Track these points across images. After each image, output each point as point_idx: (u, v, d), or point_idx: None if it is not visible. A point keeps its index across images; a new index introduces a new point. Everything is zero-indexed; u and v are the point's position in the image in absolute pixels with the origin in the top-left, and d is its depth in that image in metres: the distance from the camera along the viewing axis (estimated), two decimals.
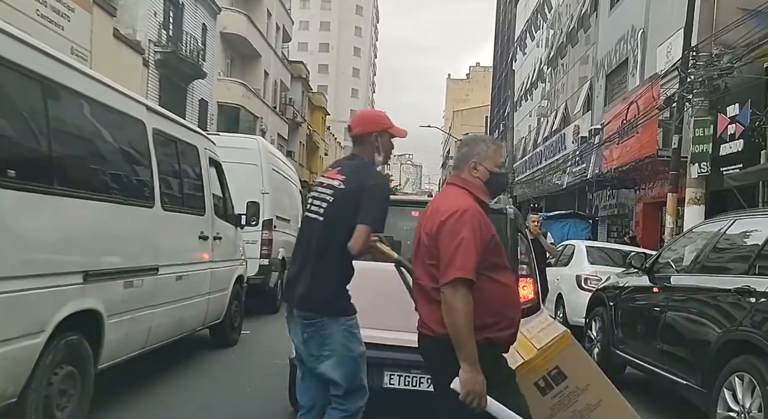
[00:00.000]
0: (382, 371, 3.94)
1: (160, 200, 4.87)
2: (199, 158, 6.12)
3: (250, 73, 29.04)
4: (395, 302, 4.14)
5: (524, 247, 4.38)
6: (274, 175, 9.41)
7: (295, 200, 11.22)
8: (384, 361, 3.92)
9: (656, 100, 10.62)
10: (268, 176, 8.96)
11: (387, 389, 3.93)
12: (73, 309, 3.64)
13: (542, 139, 24.25)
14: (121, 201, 4.31)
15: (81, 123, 4.04)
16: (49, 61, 3.62)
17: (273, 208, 8.98)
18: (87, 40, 13.16)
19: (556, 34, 24.21)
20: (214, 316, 6.35)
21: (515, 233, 4.36)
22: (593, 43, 19.14)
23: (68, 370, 3.65)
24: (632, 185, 14.32)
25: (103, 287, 3.98)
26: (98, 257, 4.00)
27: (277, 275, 9.29)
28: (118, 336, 4.23)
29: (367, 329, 4.08)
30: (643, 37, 14.45)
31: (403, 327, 4.12)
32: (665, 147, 10.85)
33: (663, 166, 11.85)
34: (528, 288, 4.27)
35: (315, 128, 45.57)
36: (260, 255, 8.70)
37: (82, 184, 3.87)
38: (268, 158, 9.27)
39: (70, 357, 3.64)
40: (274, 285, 9.24)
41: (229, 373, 5.73)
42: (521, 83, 30.29)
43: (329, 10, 73.02)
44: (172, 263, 5.09)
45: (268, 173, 9.01)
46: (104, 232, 4.10)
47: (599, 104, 17.89)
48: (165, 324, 5.09)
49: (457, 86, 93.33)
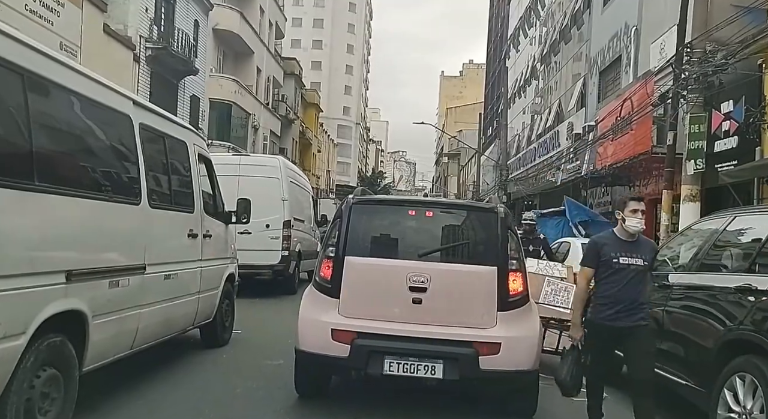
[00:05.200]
0: (383, 359, 4.22)
1: (147, 197, 4.77)
2: (188, 154, 6.00)
3: (242, 69, 28.82)
4: (395, 296, 4.44)
5: (514, 243, 4.53)
6: (292, 185, 11.72)
7: (309, 204, 13.84)
8: (385, 350, 4.23)
9: (650, 96, 10.55)
10: (287, 186, 11.22)
11: (387, 375, 4.22)
12: (55, 310, 3.54)
13: (536, 136, 24.21)
14: (106, 198, 4.20)
15: (63, 117, 3.92)
16: (29, 51, 3.48)
17: (291, 211, 11.25)
18: (77, 36, 12.99)
19: (549, 32, 24.16)
20: (204, 316, 6.24)
21: (505, 230, 4.54)
22: (586, 40, 19.10)
23: (51, 373, 3.55)
24: (627, 182, 14.29)
25: (87, 287, 3.88)
26: (82, 256, 3.89)
27: (294, 263, 11.63)
28: (104, 337, 4.13)
29: (369, 320, 4.41)
30: (636, 34, 14.42)
31: (402, 318, 4.32)
32: (660, 144, 10.80)
33: (657, 163, 11.81)
34: (517, 282, 4.45)
35: (308, 124, 45.39)
36: (281, 248, 11.02)
37: (64, 180, 3.75)
38: (287, 173, 11.66)
39: (52, 359, 3.55)
40: (292, 271, 11.58)
41: (219, 374, 5.61)
42: (514, 80, 30.26)
43: (322, 7, 72.68)
44: (160, 261, 5.00)
45: (287, 184, 11.27)
46: (88, 230, 3.99)
47: (593, 101, 17.86)
48: (153, 324, 4.99)
49: (451, 83, 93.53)
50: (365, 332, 4.28)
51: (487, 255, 4.50)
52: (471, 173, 47.73)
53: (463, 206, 5.63)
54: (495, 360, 4.21)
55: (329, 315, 4.39)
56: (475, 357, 4.19)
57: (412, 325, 4.29)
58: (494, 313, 4.32)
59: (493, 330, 4.29)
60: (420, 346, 4.22)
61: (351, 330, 4.29)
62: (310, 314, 4.52)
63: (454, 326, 4.31)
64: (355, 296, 4.42)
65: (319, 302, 4.51)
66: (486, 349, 4.21)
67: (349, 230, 4.52)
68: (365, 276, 4.48)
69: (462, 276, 4.47)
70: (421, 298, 4.31)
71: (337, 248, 4.48)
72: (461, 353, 4.21)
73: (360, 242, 4.56)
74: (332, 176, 62.33)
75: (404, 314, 4.33)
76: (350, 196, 4.86)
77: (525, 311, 4.48)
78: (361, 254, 4.51)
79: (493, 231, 4.53)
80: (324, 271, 4.53)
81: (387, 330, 4.27)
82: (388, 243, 4.70)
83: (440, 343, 4.23)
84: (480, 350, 4.20)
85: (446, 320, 4.33)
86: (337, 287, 4.42)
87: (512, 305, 4.37)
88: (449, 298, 4.39)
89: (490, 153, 36.00)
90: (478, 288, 4.40)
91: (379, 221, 4.78)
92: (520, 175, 25.30)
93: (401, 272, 4.37)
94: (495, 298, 4.32)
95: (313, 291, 4.63)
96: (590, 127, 15.57)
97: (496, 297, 4.32)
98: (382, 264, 4.50)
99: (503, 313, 4.33)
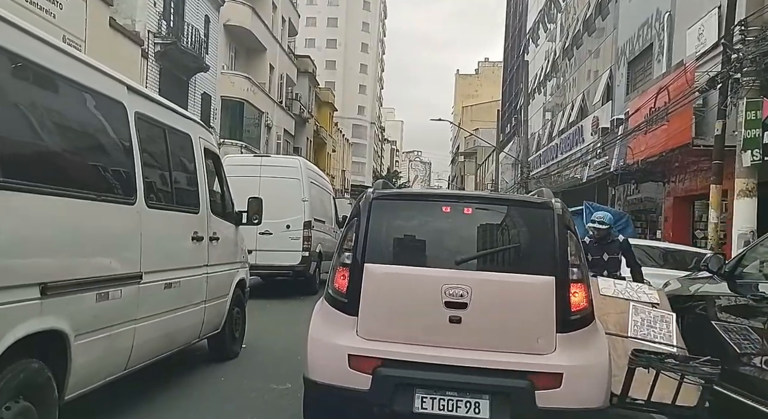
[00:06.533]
0: (413, 393, 3.50)
1: (143, 195, 4.23)
2: (192, 148, 5.47)
3: (254, 66, 28.36)
4: (427, 314, 3.65)
5: (574, 246, 3.72)
6: (312, 186, 11.66)
7: (330, 205, 13.74)
8: (416, 381, 3.51)
9: (690, 84, 9.79)
10: (307, 187, 11.17)
11: (418, 414, 3.49)
12: (27, 331, 3.03)
13: (558, 132, 23.43)
14: (93, 197, 3.66)
15: (39, 102, 3.37)
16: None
17: (312, 212, 11.19)
18: (81, 29, 12.54)
19: (572, 24, 23.37)
20: (211, 327, 5.70)
21: (564, 230, 3.73)
22: (613, 30, 18.33)
23: (22, 406, 3.04)
24: (660, 178, 13.51)
25: (67, 302, 3.36)
26: (61, 265, 3.36)
27: (315, 264, 11.60)
28: (91, 359, 3.63)
29: (395, 344, 3.60)
30: (669, 20, 13.68)
31: (436, 341, 3.60)
32: (700, 135, 10.03)
33: (695, 157, 11.06)
34: (580, 295, 3.63)
35: (322, 124, 44.96)
36: (302, 249, 10.92)
37: (38, 176, 3.19)
38: (308, 174, 11.58)
39: (24, 388, 3.05)
40: (313, 272, 11.58)
41: (214, 401, 4.84)
42: (534, 76, 29.47)
43: (336, 6, 72.44)
44: (160, 268, 4.51)
45: (308, 186, 11.22)
46: (70, 235, 3.46)
47: (620, 93, 17.11)
48: (152, 339, 4.48)
49: (466, 82, 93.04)
50: (390, 359, 3.55)
51: (541, 262, 3.70)
52: (489, 171, 46.99)
53: (510, 200, 4.60)
54: (556, 395, 3.44)
55: (345, 336, 3.64)
56: (530, 391, 3.43)
57: (449, 350, 3.56)
58: (553, 335, 3.55)
59: (552, 356, 3.52)
60: (460, 377, 3.48)
61: (373, 356, 3.56)
62: (321, 335, 3.76)
63: (502, 351, 3.55)
64: (378, 314, 3.68)
65: (333, 321, 3.75)
66: (544, 381, 3.44)
67: (369, 232, 3.77)
68: (389, 288, 3.72)
69: (511, 288, 3.68)
70: (460, 316, 3.57)
71: (355, 253, 3.74)
72: (513, 386, 3.46)
73: (382, 246, 3.81)
74: (347, 175, 62.03)
75: (439, 336, 3.60)
76: (369, 190, 4.09)
77: (590, 333, 3.70)
78: (384, 260, 3.77)
79: (549, 231, 3.73)
80: (338, 282, 3.77)
81: (418, 356, 3.53)
82: (418, 247, 3.93)
83: (486, 373, 3.48)
84: (536, 382, 3.44)
85: (492, 344, 3.58)
86: (354, 302, 3.68)
87: (575, 324, 3.61)
88: (495, 316, 3.62)
89: (509, 150, 35.26)
90: (531, 303, 3.63)
91: (405, 219, 3.98)
92: (540, 173, 24.56)
93: (435, 283, 3.62)
94: (553, 316, 3.56)
95: (326, 307, 3.85)
96: (619, 120, 14.81)
97: (554, 315, 3.56)
98: (410, 273, 3.74)
99: (564, 335, 3.56)
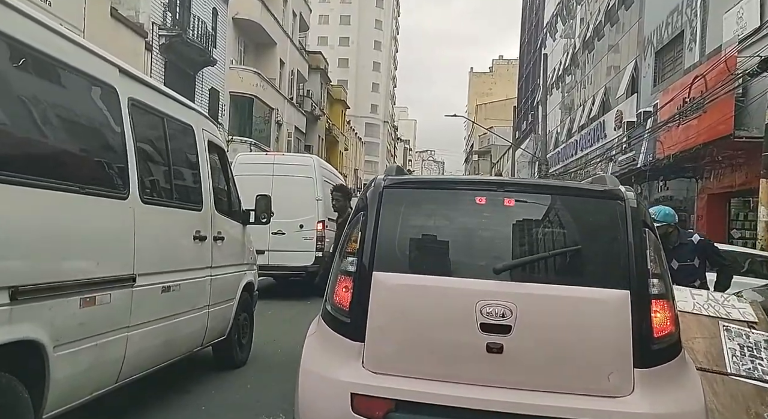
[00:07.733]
0: None
1: (138, 189, 3.80)
2: (195, 139, 5.01)
3: (264, 61, 27.85)
4: (456, 340, 2.75)
5: (653, 249, 2.78)
6: (326, 185, 11.02)
7: None
8: None
9: (732, 71, 9.16)
10: (321, 186, 10.79)
11: None
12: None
13: (578, 127, 22.72)
14: (77, 189, 3.25)
15: (21, 84, 2.97)
16: None
17: (325, 211, 10.56)
18: (79, 19, 12.10)
19: (592, 15, 22.66)
20: (216, 333, 5.24)
21: (640, 229, 2.80)
22: (638, 19, 17.62)
23: None
24: (693, 174, 12.83)
25: (44, 308, 2.97)
26: (36, 266, 2.95)
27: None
28: (74, 373, 3.23)
29: (413, 380, 2.70)
30: (703, 5, 13.01)
31: (470, 377, 2.71)
32: (742, 126, 9.40)
33: (732, 150, 10.43)
34: (663, 315, 2.71)
35: (334, 121, 44.53)
36: (315, 249, 10.62)
37: (13, 165, 2.79)
38: (321, 172, 11.31)
39: None
40: None
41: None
42: (552, 70, 28.76)
43: (349, 4, 72.14)
44: (156, 270, 4.09)
45: (321, 184, 10.87)
46: (49, 231, 3.04)
47: (647, 85, 16.43)
48: (148, 348, 4.05)
49: (480, 80, 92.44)
50: (407, 400, 2.67)
51: (611, 270, 2.78)
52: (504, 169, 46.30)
53: (566, 188, 3.51)
54: None
55: (348, 369, 2.76)
56: None
57: (486, 390, 2.66)
58: (630, 370, 2.63)
59: (629, 400, 2.61)
60: None
61: (383, 397, 2.68)
62: (317, 367, 2.85)
63: (559, 392, 2.64)
64: (390, 339, 2.79)
65: (332, 348, 2.84)
66: None
67: (378, 230, 2.87)
68: (406, 305, 2.80)
69: (569, 306, 2.71)
70: (502, 343, 2.66)
71: (360, 258, 2.84)
72: None
73: (396, 250, 2.92)
74: (360, 174, 61.63)
75: (473, 370, 2.70)
76: (380, 176, 3.16)
77: (679, 367, 2.78)
78: (399, 268, 2.87)
79: (620, 230, 2.79)
80: (339, 295, 2.87)
81: (443, 398, 2.64)
82: (443, 251, 2.98)
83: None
84: None
85: (545, 382, 2.66)
86: (360, 323, 2.78)
87: (659, 356, 2.69)
88: (549, 344, 2.69)
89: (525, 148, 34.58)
90: (598, 327, 2.69)
91: (426, 214, 3.06)
92: (559, 170, 23.87)
93: (467, 299, 2.71)
94: (629, 343, 2.63)
95: (323, 328, 2.94)
96: (647, 113, 14.13)
97: (630, 343, 2.63)
98: (433, 286, 2.80)
99: (645, 371, 2.64)
